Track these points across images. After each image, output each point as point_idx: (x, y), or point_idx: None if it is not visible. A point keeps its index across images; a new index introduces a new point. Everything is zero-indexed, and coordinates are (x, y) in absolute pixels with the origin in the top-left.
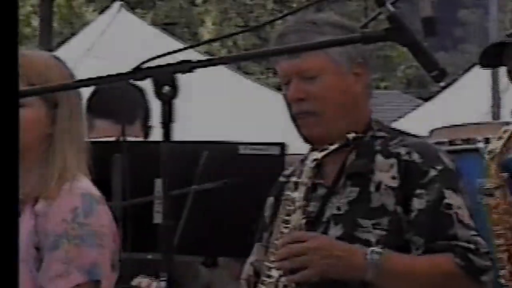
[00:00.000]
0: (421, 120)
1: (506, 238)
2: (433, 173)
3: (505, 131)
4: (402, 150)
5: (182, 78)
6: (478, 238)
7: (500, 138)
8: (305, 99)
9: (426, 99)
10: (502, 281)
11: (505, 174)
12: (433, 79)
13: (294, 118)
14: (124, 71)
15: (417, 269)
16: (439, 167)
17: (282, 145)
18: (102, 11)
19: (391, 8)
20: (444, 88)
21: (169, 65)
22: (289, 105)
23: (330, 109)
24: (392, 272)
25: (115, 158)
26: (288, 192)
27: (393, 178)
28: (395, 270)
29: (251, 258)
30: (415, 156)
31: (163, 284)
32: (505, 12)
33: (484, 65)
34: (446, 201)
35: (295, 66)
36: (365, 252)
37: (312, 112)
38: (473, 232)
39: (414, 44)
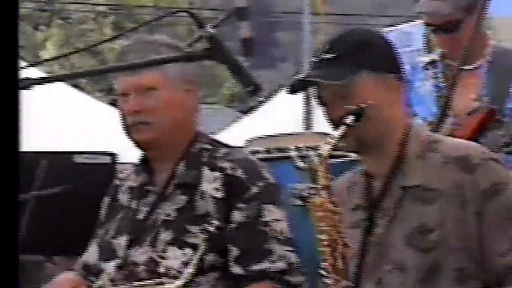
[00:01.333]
0: (241, 132)
1: (329, 234)
2: (254, 189)
3: (332, 138)
4: (228, 165)
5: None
6: (292, 254)
7: (327, 143)
8: (141, 111)
9: (246, 113)
10: (324, 273)
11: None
12: (248, 94)
13: (128, 128)
14: None
15: None
16: (260, 184)
17: (113, 155)
18: None
19: (211, 30)
20: (262, 102)
21: None
22: (123, 117)
23: (162, 120)
24: None
25: None
26: (120, 195)
27: (217, 189)
28: None
29: (85, 253)
30: (239, 172)
31: None
32: (317, 34)
33: (292, 93)
34: (264, 218)
35: (133, 82)
36: None
37: (146, 122)
38: (288, 248)
39: (230, 62)
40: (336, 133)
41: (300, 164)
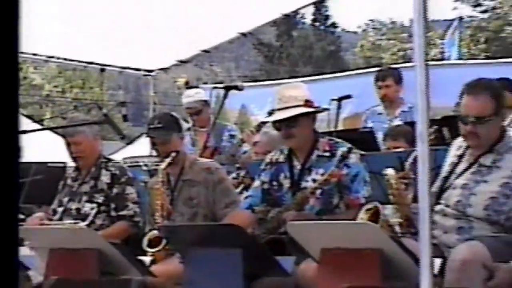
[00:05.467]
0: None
1: (160, 199)
2: (122, 179)
3: (164, 163)
4: (112, 168)
5: None
6: (137, 209)
7: (165, 163)
8: (77, 151)
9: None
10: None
11: None
12: (120, 138)
13: (71, 155)
14: None
15: None
16: (125, 176)
17: (64, 163)
18: None
19: (105, 111)
20: (134, 140)
21: None
22: (70, 151)
23: (86, 154)
24: None
25: None
26: (68, 180)
27: (107, 179)
28: None
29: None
30: (117, 171)
31: None
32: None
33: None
34: (126, 192)
35: (72, 139)
36: None
37: (78, 156)
38: (136, 206)
39: (111, 123)
40: (167, 160)
41: (144, 168)
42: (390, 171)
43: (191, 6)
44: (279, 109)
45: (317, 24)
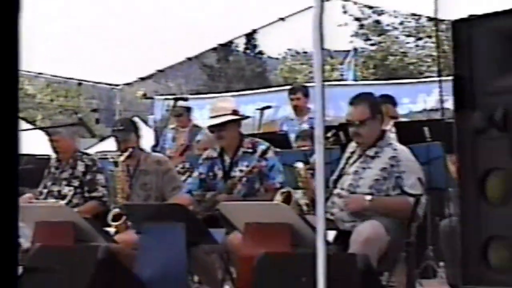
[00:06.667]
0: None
1: (122, 187)
2: (94, 168)
3: (123, 156)
4: (86, 160)
5: None
6: (106, 192)
7: (122, 156)
8: (56, 147)
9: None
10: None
11: None
12: (92, 136)
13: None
14: None
15: None
16: (96, 166)
17: (48, 155)
18: None
19: (80, 115)
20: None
21: None
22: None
23: (66, 150)
24: None
25: None
26: (52, 168)
27: (82, 168)
28: None
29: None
30: (89, 162)
31: None
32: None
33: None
34: (96, 177)
35: (53, 138)
36: None
37: (57, 151)
38: (104, 189)
39: (86, 126)
40: (125, 154)
41: (110, 160)
42: (299, 164)
43: (150, 33)
44: (212, 117)
45: (248, 51)
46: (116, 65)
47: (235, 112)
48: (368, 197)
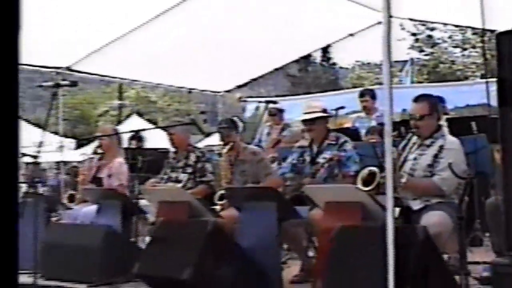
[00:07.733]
0: None
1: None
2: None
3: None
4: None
5: None
6: None
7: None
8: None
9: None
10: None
11: None
12: None
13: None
14: None
15: None
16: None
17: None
18: None
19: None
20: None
21: None
22: None
23: None
24: None
25: None
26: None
27: None
28: None
29: None
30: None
31: None
32: None
33: None
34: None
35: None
36: None
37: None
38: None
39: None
40: (227, 147)
41: (216, 152)
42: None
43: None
44: (305, 113)
45: (323, 62)
46: (219, 76)
47: (324, 111)
48: (404, 179)
